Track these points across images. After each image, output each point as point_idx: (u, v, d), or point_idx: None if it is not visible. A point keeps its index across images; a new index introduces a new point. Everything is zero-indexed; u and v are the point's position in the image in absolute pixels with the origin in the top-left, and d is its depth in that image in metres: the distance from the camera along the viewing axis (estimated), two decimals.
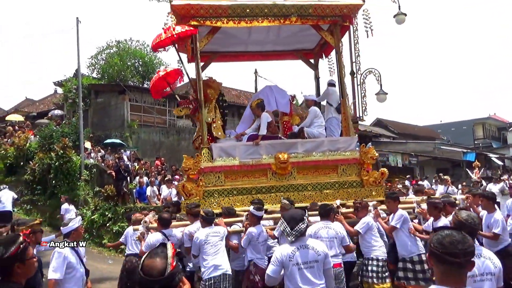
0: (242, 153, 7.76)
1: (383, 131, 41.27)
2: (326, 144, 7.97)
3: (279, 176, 7.69)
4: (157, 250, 2.25)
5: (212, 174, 7.67)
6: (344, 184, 7.65)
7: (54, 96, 32.49)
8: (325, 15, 7.89)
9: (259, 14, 7.85)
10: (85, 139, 17.71)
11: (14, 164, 17.83)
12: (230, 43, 9.40)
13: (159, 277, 2.10)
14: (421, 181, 19.17)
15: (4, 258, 2.65)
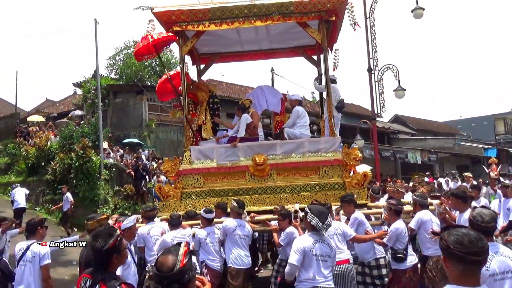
0: (220, 155, 7.82)
1: (402, 127, 40.86)
2: (307, 145, 7.69)
3: (258, 178, 7.59)
4: (170, 248, 2.38)
5: (191, 176, 7.82)
6: (325, 186, 7.34)
7: (74, 97, 33.02)
8: (308, 12, 7.59)
9: (240, 15, 7.80)
10: (105, 139, 17.94)
11: (35, 164, 18.18)
12: (229, 44, 9.41)
13: (168, 273, 2.23)
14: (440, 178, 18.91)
15: (104, 250, 2.84)
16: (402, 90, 15.03)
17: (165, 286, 2.23)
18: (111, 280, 2.85)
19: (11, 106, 37.34)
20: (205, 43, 9.34)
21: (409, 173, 25.97)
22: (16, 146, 19.82)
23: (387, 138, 33.17)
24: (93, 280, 2.86)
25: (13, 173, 19.57)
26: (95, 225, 4.33)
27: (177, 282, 2.23)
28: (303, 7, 7.49)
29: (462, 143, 33.51)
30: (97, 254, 2.90)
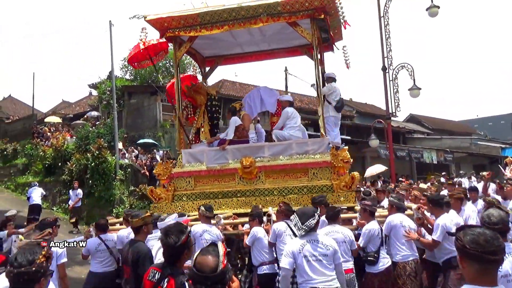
0: (209, 158, 7.94)
1: (417, 127, 40.49)
2: (294, 147, 7.55)
3: (246, 180, 7.58)
4: (208, 249, 2.41)
5: (183, 179, 8.01)
6: (313, 189, 7.15)
7: (89, 98, 33.43)
8: (296, 11, 7.42)
9: (229, 19, 7.80)
10: (120, 139, 18.10)
11: (52, 165, 18.48)
12: (229, 46, 9.43)
13: (211, 274, 2.26)
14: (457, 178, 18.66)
15: (177, 246, 2.96)
16: (417, 89, 14.88)
17: (208, 287, 2.26)
18: (180, 275, 2.96)
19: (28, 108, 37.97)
20: (207, 47, 9.45)
21: (425, 173, 25.74)
22: (33, 147, 20.14)
23: (402, 137, 32.89)
24: (161, 274, 2.99)
25: (31, 173, 19.90)
26: (140, 222, 4.46)
27: (219, 282, 2.28)
28: (290, 6, 7.35)
29: (479, 142, 33.06)
30: (169, 249, 3.01)
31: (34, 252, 2.49)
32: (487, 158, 30.37)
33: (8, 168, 21.07)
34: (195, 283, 2.31)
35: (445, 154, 27.73)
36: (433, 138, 35.38)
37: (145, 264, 4.36)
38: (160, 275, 3.00)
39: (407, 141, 32.59)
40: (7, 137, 23.50)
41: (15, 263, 2.40)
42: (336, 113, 8.41)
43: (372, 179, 20.02)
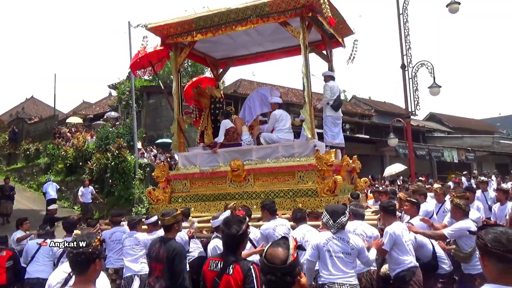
0: (202, 161, 8.15)
1: (437, 125, 39.93)
2: (281, 150, 7.49)
3: (236, 183, 7.64)
4: (279, 241, 2.48)
5: (179, 181, 8.30)
6: (298, 193, 7.05)
7: (109, 99, 33.92)
8: (284, 10, 7.34)
9: (221, 23, 7.89)
10: (139, 139, 18.30)
11: (73, 164, 18.82)
12: (235, 48, 9.52)
13: (281, 265, 2.32)
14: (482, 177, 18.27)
15: (239, 235, 3.20)
16: (438, 87, 14.64)
17: (278, 278, 2.31)
18: (244, 261, 3.22)
19: (50, 108, 38.71)
20: (215, 49, 9.62)
21: (445, 173, 25.35)
22: (55, 147, 20.51)
23: (422, 136, 32.48)
24: (225, 262, 3.21)
25: (53, 172, 20.28)
26: (171, 221, 4.55)
27: (289, 274, 2.32)
28: (277, 6, 7.29)
29: (501, 141, 32.49)
30: (230, 239, 3.25)
31: (90, 237, 2.79)
32: (510, 157, 29.78)
33: (31, 168, 21.53)
34: (265, 274, 2.37)
35: (466, 153, 27.27)
36: (454, 136, 34.85)
37: (182, 261, 4.46)
38: (223, 264, 3.20)
39: (427, 140, 32.16)
40: (30, 137, 23.99)
41: (74, 245, 2.70)
42: (334, 112, 8.15)
43: (391, 178, 19.83)
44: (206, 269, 3.33)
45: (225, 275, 3.16)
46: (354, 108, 35.47)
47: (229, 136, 8.12)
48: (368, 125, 31.70)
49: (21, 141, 23.91)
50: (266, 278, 2.35)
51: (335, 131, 8.09)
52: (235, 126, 8.28)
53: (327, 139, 8.05)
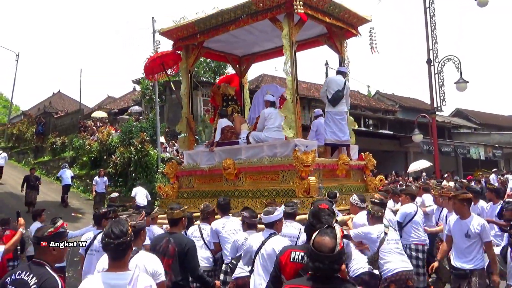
0: (202, 159, 8.33)
1: (464, 122, 39.10)
2: (265, 150, 7.37)
3: (230, 181, 7.68)
4: (326, 230, 2.57)
5: (185, 177, 8.62)
6: (280, 192, 6.92)
7: (133, 93, 34.30)
8: (269, 8, 7.19)
9: (218, 24, 7.97)
10: (162, 133, 18.46)
11: (98, 158, 19.10)
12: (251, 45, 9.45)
13: (329, 253, 2.41)
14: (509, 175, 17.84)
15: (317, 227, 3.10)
16: (464, 83, 14.29)
17: (326, 265, 2.41)
18: None
19: (76, 103, 39.43)
20: (232, 47, 9.64)
21: (471, 170, 24.81)
22: (80, 141, 20.86)
23: (448, 133, 31.82)
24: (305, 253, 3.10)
25: (78, 166, 20.63)
26: (180, 214, 4.66)
27: (336, 262, 2.43)
28: (263, 4, 7.18)
29: None
30: (310, 230, 3.08)
31: (124, 223, 2.85)
32: None
33: (57, 161, 21.95)
34: (313, 261, 2.45)
35: (493, 149, 26.61)
36: (481, 133, 34.06)
37: (195, 255, 4.52)
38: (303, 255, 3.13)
39: (453, 136, 31.50)
40: (56, 131, 24.46)
41: (112, 235, 2.75)
42: (332, 108, 7.73)
43: (416, 175, 19.50)
44: (286, 260, 3.18)
45: None
46: (378, 103, 35.01)
47: (224, 135, 8.24)
48: (392, 120, 31.24)
49: (48, 135, 24.40)
50: (314, 265, 2.43)
51: (334, 128, 7.68)
52: (232, 125, 8.39)
53: (326, 136, 7.78)
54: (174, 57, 9.59)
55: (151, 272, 3.40)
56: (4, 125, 32.15)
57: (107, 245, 2.79)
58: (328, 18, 7.74)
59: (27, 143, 26.27)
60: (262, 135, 7.67)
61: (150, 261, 3.51)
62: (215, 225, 5.81)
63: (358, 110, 29.90)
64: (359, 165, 8.16)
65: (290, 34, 7.14)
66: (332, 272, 2.44)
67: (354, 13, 8.15)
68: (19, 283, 2.94)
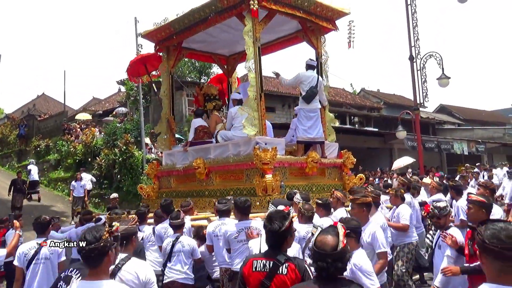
0: (178, 159, 8.34)
1: (447, 117, 39.45)
2: (231, 148, 7.33)
3: (202, 181, 7.63)
4: (328, 229, 2.56)
5: (165, 178, 8.65)
6: (243, 191, 6.81)
7: (118, 95, 33.92)
8: (233, 5, 7.13)
9: (190, 24, 7.96)
10: (146, 134, 18.27)
11: (82, 160, 18.84)
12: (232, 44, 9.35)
13: (332, 252, 2.38)
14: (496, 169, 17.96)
15: (281, 231, 3.02)
16: (446, 78, 14.36)
17: (329, 264, 2.35)
18: (297, 259, 3.09)
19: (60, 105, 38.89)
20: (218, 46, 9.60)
21: (455, 165, 25.01)
22: (64, 143, 20.58)
23: (432, 128, 32.06)
24: (275, 261, 2.95)
25: (62, 168, 20.37)
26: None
27: (339, 261, 2.38)
28: (226, 1, 7.14)
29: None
30: (273, 235, 3.04)
31: (99, 229, 2.75)
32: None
33: (41, 164, 21.63)
34: (316, 260, 2.41)
35: (476, 144, 26.84)
36: (464, 128, 34.38)
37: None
38: (273, 263, 2.95)
39: (437, 132, 31.74)
40: (40, 134, 24.11)
41: (84, 241, 2.67)
42: (306, 105, 7.53)
43: (400, 171, 19.57)
44: (248, 270, 3.02)
45: (277, 276, 2.90)
46: (363, 101, 35.13)
47: (197, 134, 8.20)
48: (377, 117, 31.37)
49: (32, 138, 24.05)
50: (317, 265, 2.39)
51: (307, 125, 7.49)
52: (206, 125, 8.33)
53: (298, 134, 7.61)
54: (156, 58, 9.52)
55: (143, 280, 3.24)
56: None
57: (80, 252, 2.72)
58: (298, 12, 7.54)
59: (10, 146, 25.88)
60: (230, 134, 7.60)
61: (142, 269, 3.32)
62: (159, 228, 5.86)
63: (344, 107, 29.96)
64: (335, 163, 7.98)
65: (253, 31, 6.99)
66: (337, 271, 2.38)
67: (327, 6, 7.92)
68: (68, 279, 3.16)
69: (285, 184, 6.75)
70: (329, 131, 8.30)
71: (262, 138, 6.89)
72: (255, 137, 6.83)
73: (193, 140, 8.24)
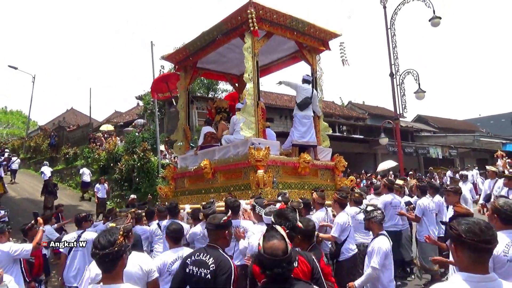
0: (190, 162, 8.38)
1: (424, 126, 39.43)
2: (231, 149, 7.32)
3: (209, 179, 7.60)
4: (271, 233, 2.22)
5: (180, 179, 8.67)
6: (241, 187, 6.80)
7: (137, 108, 33.97)
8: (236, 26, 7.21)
9: (203, 44, 7.96)
10: (161, 142, 18.27)
11: (106, 166, 18.82)
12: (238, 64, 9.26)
13: (284, 256, 2.09)
14: (465, 171, 17.92)
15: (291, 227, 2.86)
16: (422, 92, 14.39)
17: (284, 269, 2.07)
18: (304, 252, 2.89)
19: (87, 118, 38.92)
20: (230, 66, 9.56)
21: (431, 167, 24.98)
22: (90, 151, 20.58)
23: (411, 136, 32.07)
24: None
25: None
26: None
27: (291, 262, 2.13)
28: (229, 23, 7.19)
29: (481, 139, 31.91)
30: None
31: (113, 233, 2.42)
32: (489, 152, 29.20)
33: (70, 169, 21.62)
34: (270, 268, 2.08)
35: (450, 149, 26.82)
36: (439, 135, 34.34)
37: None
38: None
39: (415, 139, 31.72)
40: (69, 143, 24.12)
41: (98, 246, 2.35)
42: (299, 111, 7.53)
43: (383, 173, 19.54)
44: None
45: None
46: (350, 112, 35.15)
47: (205, 139, 8.26)
48: (363, 126, 31.38)
49: (61, 146, 24.06)
50: (272, 272, 2.07)
51: (301, 130, 7.46)
52: (214, 131, 8.42)
53: (293, 137, 7.55)
54: (176, 77, 9.62)
55: (146, 270, 3.24)
56: (23, 138, 31.64)
57: (94, 256, 2.39)
58: (293, 33, 7.58)
59: (43, 154, 25.86)
60: (232, 137, 7.62)
61: (144, 260, 3.34)
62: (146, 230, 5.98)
63: (333, 118, 29.98)
64: (327, 165, 7.87)
65: (252, 47, 7.02)
66: (289, 273, 2.12)
67: (320, 28, 7.88)
68: (200, 263, 2.93)
69: (277, 180, 6.70)
70: (324, 137, 8.24)
71: (257, 139, 6.86)
72: (250, 138, 6.82)
73: (202, 144, 8.28)
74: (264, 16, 7.05)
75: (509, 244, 2.88)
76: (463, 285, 1.83)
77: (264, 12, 7.01)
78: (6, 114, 50.80)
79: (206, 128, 8.50)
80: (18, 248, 4.55)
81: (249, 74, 6.99)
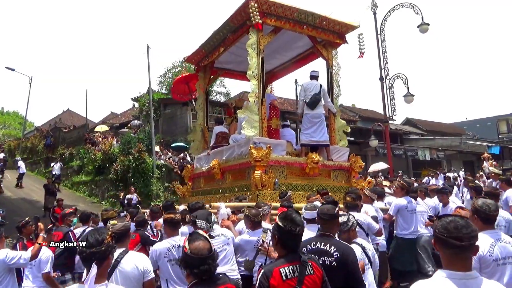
0: (204, 162, 8.28)
1: (413, 129, 39.66)
2: (236, 149, 7.10)
3: (219, 180, 7.51)
4: (195, 235, 2.35)
5: (196, 179, 8.60)
6: (244, 187, 6.60)
7: (133, 110, 33.76)
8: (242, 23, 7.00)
9: (215, 44, 7.90)
10: (156, 143, 18.19)
11: (101, 166, 18.69)
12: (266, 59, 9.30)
13: (210, 254, 2.24)
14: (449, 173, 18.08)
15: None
16: (411, 96, 14.49)
17: (211, 265, 2.21)
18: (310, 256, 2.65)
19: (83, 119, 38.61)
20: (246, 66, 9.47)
21: (420, 169, 25.14)
22: (86, 151, 20.42)
23: (400, 138, 32.21)
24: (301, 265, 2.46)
25: (84, 173, 20.17)
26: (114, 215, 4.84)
27: (214, 261, 2.25)
28: (235, 20, 7.11)
29: (467, 141, 32.11)
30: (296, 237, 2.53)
31: (102, 232, 2.42)
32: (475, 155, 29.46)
33: (66, 169, 21.43)
34: (197, 267, 2.20)
35: (437, 152, 27.01)
36: (427, 138, 34.56)
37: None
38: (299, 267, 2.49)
39: (404, 142, 31.89)
40: (65, 144, 23.92)
41: (86, 243, 2.34)
42: (310, 110, 7.05)
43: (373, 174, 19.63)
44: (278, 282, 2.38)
45: (306, 277, 2.42)
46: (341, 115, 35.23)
47: (216, 139, 8.18)
48: (353, 129, 31.44)
49: (57, 147, 23.84)
50: (200, 270, 2.18)
51: (311, 130, 7.04)
52: (226, 131, 8.34)
53: (301, 137, 7.19)
54: (197, 78, 9.47)
55: (142, 270, 3.16)
56: (19, 139, 31.31)
57: (80, 254, 2.35)
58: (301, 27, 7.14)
59: (39, 154, 25.63)
60: (238, 137, 7.46)
61: (140, 260, 3.23)
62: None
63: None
64: (341, 166, 7.29)
65: (257, 43, 6.79)
66: (214, 270, 2.23)
67: (335, 20, 7.43)
68: (321, 252, 2.90)
69: (279, 181, 6.37)
70: (340, 136, 7.75)
71: (260, 138, 6.55)
72: (252, 137, 6.55)
73: (214, 144, 8.20)
74: (268, 10, 6.73)
75: (493, 244, 2.89)
76: (445, 282, 1.84)
77: (268, 6, 6.72)
78: (2, 115, 50.34)
79: (217, 128, 8.42)
80: (15, 255, 4.09)
81: (253, 71, 6.74)
